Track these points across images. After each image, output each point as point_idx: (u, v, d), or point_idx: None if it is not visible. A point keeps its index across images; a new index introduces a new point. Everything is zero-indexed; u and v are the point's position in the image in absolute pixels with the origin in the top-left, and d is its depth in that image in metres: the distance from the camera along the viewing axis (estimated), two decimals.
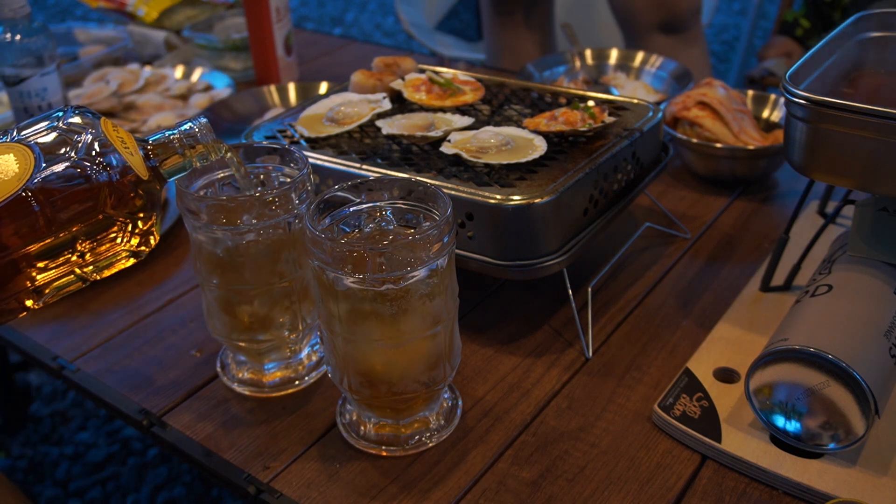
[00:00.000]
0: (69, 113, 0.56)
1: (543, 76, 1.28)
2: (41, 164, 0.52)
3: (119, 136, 0.57)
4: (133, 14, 1.57)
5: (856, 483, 0.59)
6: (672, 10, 1.55)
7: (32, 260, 0.53)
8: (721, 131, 1.00)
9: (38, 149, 0.53)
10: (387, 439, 0.65)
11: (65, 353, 0.80)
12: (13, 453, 1.49)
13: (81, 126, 0.55)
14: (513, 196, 0.69)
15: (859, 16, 0.76)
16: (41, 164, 0.53)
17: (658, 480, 0.62)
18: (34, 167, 0.52)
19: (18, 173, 0.52)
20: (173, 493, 1.38)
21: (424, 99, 0.88)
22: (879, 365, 0.60)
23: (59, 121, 0.56)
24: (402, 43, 3.41)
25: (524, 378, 0.73)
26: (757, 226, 0.95)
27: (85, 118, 0.56)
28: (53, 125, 0.55)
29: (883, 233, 0.68)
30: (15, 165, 0.52)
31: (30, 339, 0.82)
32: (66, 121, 0.56)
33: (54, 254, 0.53)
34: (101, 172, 0.54)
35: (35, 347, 0.81)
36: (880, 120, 0.60)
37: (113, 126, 0.58)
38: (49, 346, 0.81)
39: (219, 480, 0.65)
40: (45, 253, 0.53)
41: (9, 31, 1.01)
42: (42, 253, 0.53)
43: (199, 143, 0.61)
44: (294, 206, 0.65)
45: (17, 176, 0.51)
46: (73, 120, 0.56)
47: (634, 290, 0.84)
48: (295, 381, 0.73)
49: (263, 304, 0.68)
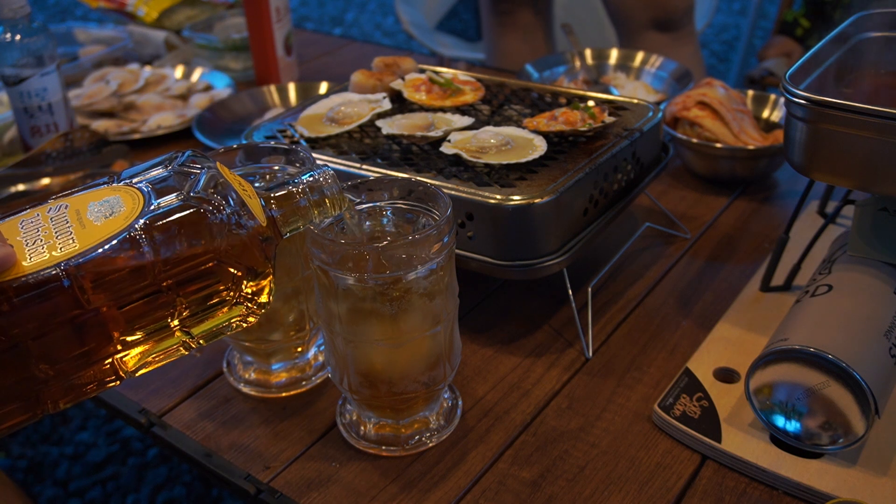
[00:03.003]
0: (181, 156, 0.51)
1: (543, 76, 1.28)
2: (151, 201, 0.47)
3: (237, 180, 0.51)
4: (133, 14, 1.57)
5: (856, 483, 0.59)
6: (665, 7, 1.55)
7: (133, 311, 0.46)
8: (721, 131, 1.00)
9: (149, 188, 0.48)
10: (387, 439, 0.65)
11: None
12: (13, 453, 1.49)
13: (195, 167, 0.50)
14: (513, 196, 0.69)
15: (859, 16, 0.76)
16: (151, 200, 0.47)
17: (658, 480, 0.62)
18: (143, 204, 0.46)
19: (126, 212, 0.46)
20: (173, 493, 1.38)
21: (424, 99, 0.88)
22: (879, 365, 0.60)
23: (172, 163, 0.50)
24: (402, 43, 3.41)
25: (524, 378, 0.73)
26: (757, 226, 0.95)
27: (198, 160, 0.51)
28: (165, 167, 0.50)
29: (883, 233, 0.68)
30: (122, 205, 0.46)
31: None
32: (179, 162, 0.50)
33: (158, 304, 0.46)
34: (217, 211, 0.47)
35: None
36: (880, 120, 0.60)
37: (230, 171, 0.52)
38: None
39: (219, 480, 0.65)
40: (148, 301, 0.46)
41: (9, 31, 1.01)
42: (146, 301, 0.46)
43: (325, 197, 0.54)
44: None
45: (124, 215, 0.46)
46: (188, 162, 0.50)
47: (634, 290, 0.84)
48: (302, 382, 0.72)
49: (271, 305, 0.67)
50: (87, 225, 0.45)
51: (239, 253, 0.48)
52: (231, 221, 0.48)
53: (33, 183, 1.05)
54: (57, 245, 0.44)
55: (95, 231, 0.45)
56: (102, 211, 0.46)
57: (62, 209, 0.47)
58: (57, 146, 1.05)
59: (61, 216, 0.46)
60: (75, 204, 0.47)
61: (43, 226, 0.45)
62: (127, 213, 0.46)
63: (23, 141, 1.10)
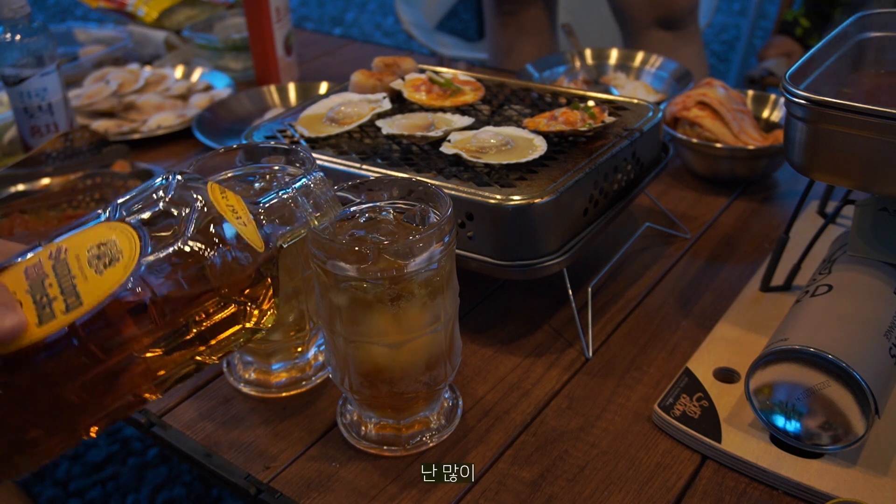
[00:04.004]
0: (172, 182, 0.50)
1: (543, 76, 1.28)
2: (147, 249, 0.47)
3: (229, 205, 0.51)
4: (133, 14, 1.57)
5: (856, 483, 0.59)
6: (670, 6, 1.56)
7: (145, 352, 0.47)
8: (721, 131, 1.00)
9: (144, 230, 0.48)
10: (388, 439, 0.65)
11: None
12: None
13: (187, 198, 0.49)
14: (513, 196, 0.69)
15: (859, 16, 0.76)
16: (147, 248, 0.47)
17: (658, 480, 0.62)
18: (140, 252, 0.46)
19: (124, 261, 0.46)
20: (173, 493, 1.38)
21: (424, 99, 0.88)
22: (879, 365, 0.60)
23: (163, 191, 0.50)
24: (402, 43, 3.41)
25: (524, 378, 0.73)
26: (757, 226, 0.95)
27: (190, 185, 0.50)
28: (157, 197, 0.49)
29: (883, 233, 0.68)
30: (119, 251, 0.47)
31: None
32: (170, 191, 0.49)
33: (166, 343, 0.47)
34: (214, 252, 0.48)
35: None
36: (880, 120, 0.60)
37: (221, 191, 0.51)
38: None
39: (219, 480, 0.65)
40: (157, 343, 0.47)
41: (9, 31, 1.01)
42: (155, 343, 0.47)
43: (317, 203, 0.54)
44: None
45: (122, 264, 0.46)
46: (178, 190, 0.50)
47: (634, 290, 0.84)
48: (302, 382, 0.72)
49: None
50: (89, 277, 0.46)
51: (240, 285, 0.49)
52: (229, 259, 0.48)
53: (33, 183, 1.05)
54: (64, 304, 0.45)
55: (98, 285, 0.46)
56: (101, 259, 0.47)
57: (63, 254, 0.47)
58: (57, 146, 1.05)
59: (63, 265, 0.47)
60: (74, 248, 0.47)
61: (47, 278, 0.46)
62: (125, 262, 0.46)
63: (23, 141, 1.10)
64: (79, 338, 0.45)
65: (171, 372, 0.49)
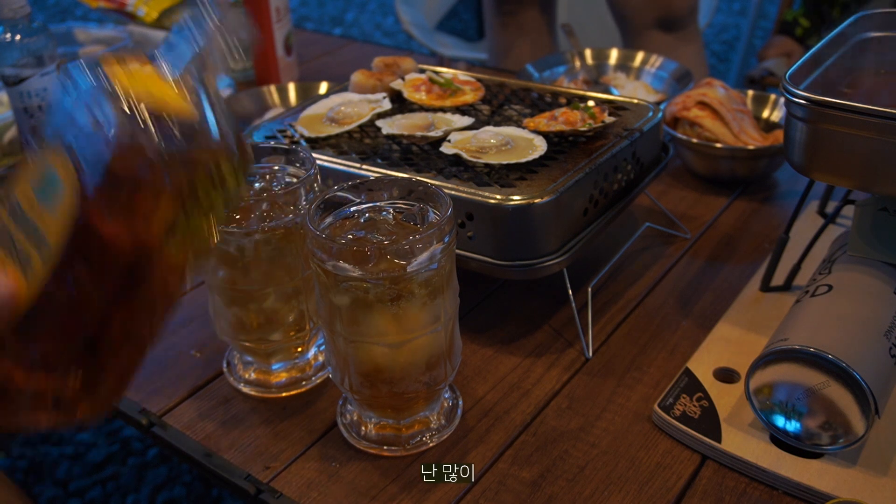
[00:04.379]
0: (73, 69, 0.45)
1: (543, 76, 1.28)
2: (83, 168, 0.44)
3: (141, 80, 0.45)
4: (133, 14, 1.57)
5: (856, 483, 0.59)
6: (669, 7, 1.55)
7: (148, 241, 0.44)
8: (721, 131, 1.00)
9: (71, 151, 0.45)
10: (388, 439, 0.65)
11: None
12: (13, 453, 1.49)
13: (99, 91, 0.44)
14: (513, 196, 0.69)
15: (859, 16, 0.76)
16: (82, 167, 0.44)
17: (658, 480, 0.62)
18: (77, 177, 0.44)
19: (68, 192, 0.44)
20: (173, 493, 1.38)
21: (424, 99, 0.88)
22: (879, 365, 0.60)
23: (73, 88, 0.45)
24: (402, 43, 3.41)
25: (524, 378, 0.73)
26: (757, 226, 0.95)
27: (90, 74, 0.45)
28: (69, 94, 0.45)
29: (883, 233, 0.68)
30: (62, 185, 0.44)
31: None
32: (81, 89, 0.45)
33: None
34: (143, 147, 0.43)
35: None
36: (880, 120, 0.60)
37: (118, 60, 0.46)
38: None
39: (219, 480, 0.65)
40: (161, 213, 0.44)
41: (9, 31, 1.01)
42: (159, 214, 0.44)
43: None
44: (302, 206, 0.65)
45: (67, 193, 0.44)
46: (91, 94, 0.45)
47: (634, 290, 0.84)
48: (302, 382, 0.72)
49: (271, 305, 0.67)
50: (46, 220, 0.45)
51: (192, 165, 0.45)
52: (164, 147, 0.43)
53: None
54: (37, 252, 0.45)
55: (55, 223, 0.44)
56: (48, 197, 0.45)
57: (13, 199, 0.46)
58: None
59: (20, 214, 0.46)
60: (22, 191, 0.46)
61: (14, 233, 0.46)
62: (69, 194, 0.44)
63: (23, 141, 1.10)
64: (70, 273, 0.44)
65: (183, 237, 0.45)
